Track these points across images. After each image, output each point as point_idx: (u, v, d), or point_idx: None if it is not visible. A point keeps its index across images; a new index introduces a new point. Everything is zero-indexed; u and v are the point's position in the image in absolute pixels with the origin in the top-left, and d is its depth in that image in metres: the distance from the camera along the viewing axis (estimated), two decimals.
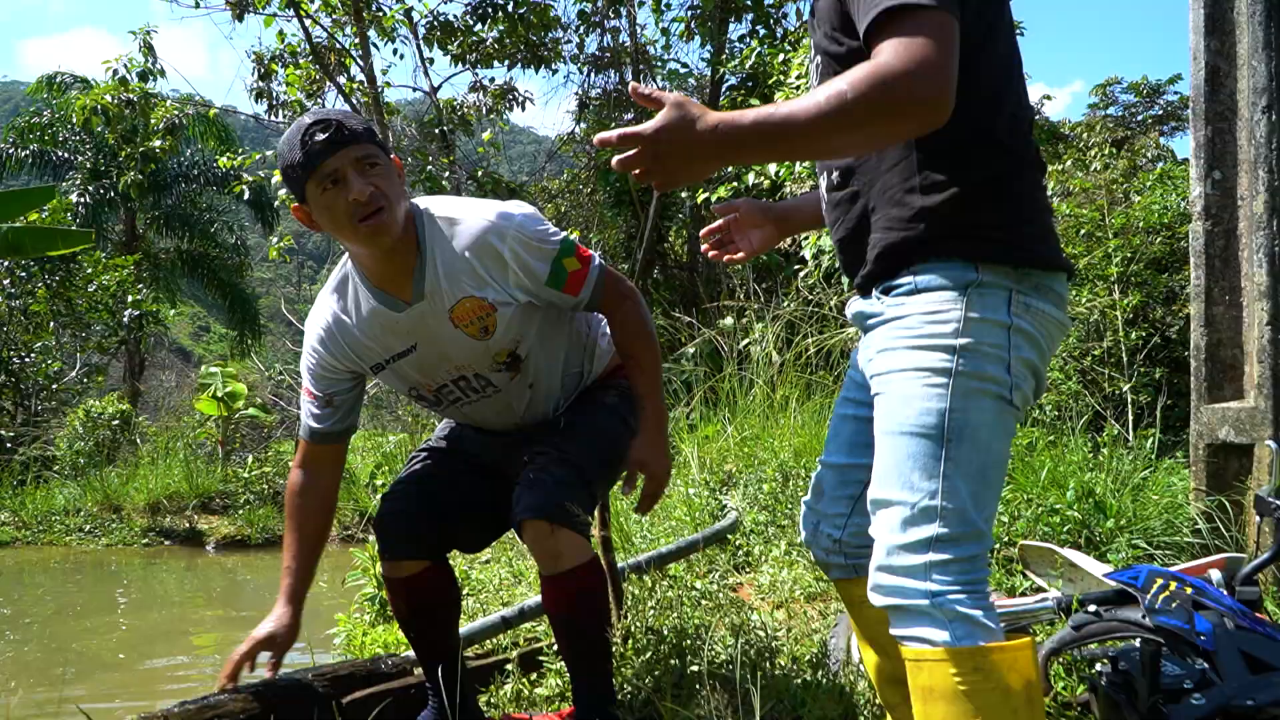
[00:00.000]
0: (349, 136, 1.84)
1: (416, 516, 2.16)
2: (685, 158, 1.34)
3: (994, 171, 1.50)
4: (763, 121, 1.31)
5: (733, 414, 5.71)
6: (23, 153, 17.57)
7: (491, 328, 2.01)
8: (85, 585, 5.80)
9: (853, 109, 1.28)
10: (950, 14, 1.34)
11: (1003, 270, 1.48)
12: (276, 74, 10.28)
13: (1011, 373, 1.47)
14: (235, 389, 7.94)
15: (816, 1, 1.61)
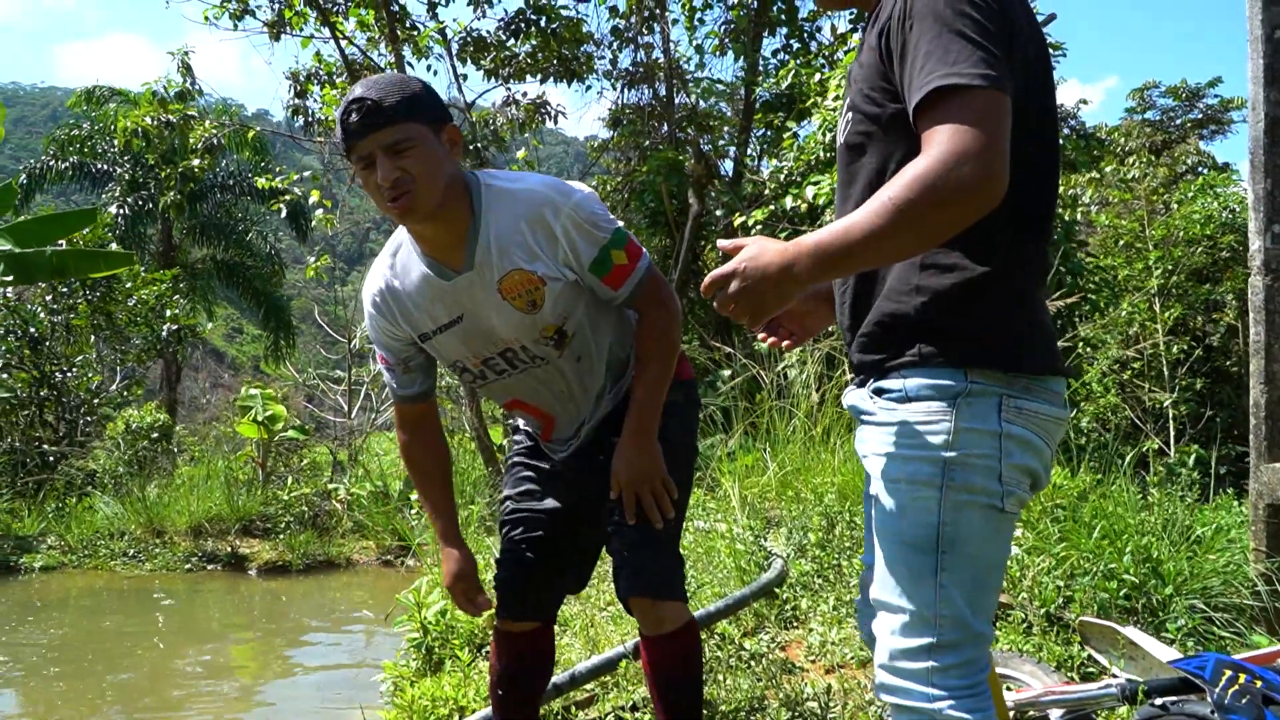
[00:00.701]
0: (380, 120, 1.86)
1: (529, 583, 2.28)
2: (765, 290, 1.39)
3: (997, 266, 1.48)
4: (825, 248, 1.36)
5: (772, 447, 5.68)
6: (63, 165, 17.83)
7: (539, 302, 2.03)
8: (131, 613, 5.87)
9: (903, 215, 1.31)
10: (1000, 91, 1.35)
11: (993, 375, 1.48)
12: (312, 92, 10.35)
13: (1003, 481, 1.47)
14: (275, 411, 8.00)
15: (859, 57, 1.61)
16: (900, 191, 1.32)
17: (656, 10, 10.08)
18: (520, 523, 2.30)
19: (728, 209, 8.75)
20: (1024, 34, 1.46)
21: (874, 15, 1.59)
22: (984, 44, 1.37)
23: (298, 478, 8.65)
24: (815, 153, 7.54)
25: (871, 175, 1.56)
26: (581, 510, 2.29)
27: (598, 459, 2.21)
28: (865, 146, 1.57)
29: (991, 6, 1.41)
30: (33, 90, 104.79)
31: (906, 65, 1.43)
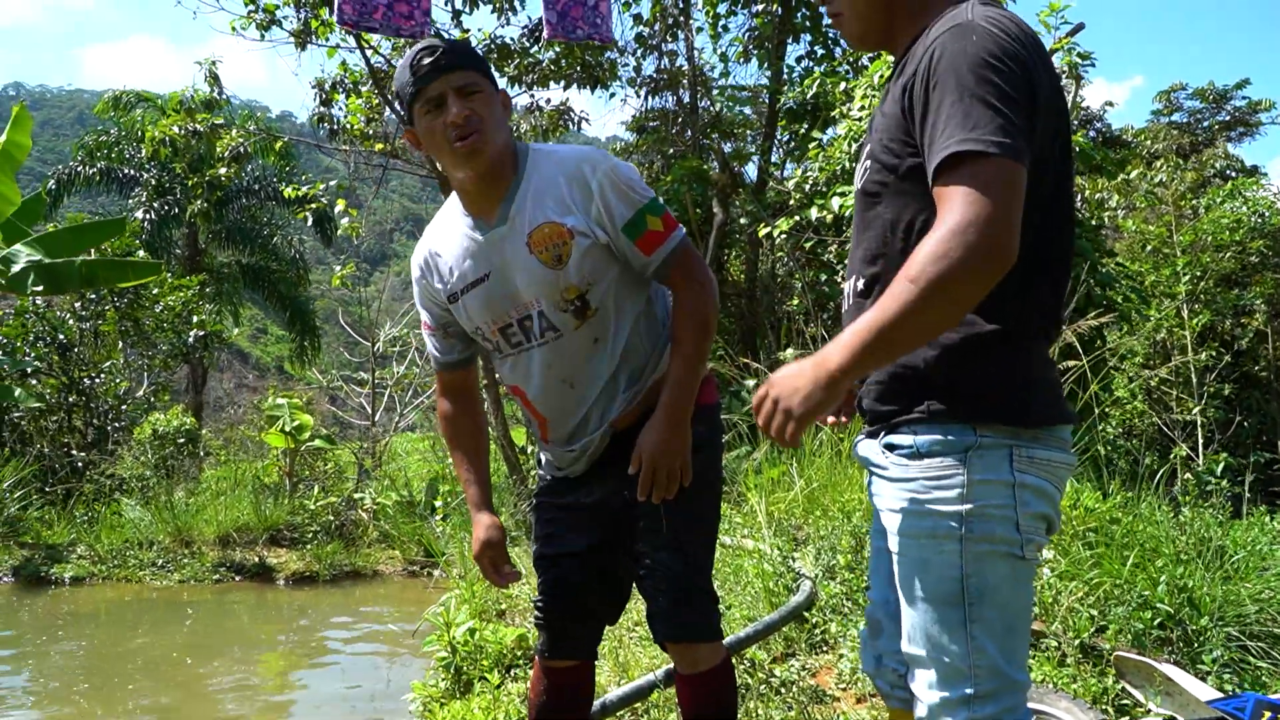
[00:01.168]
0: (452, 63, 1.97)
1: (565, 627, 2.30)
2: (803, 398, 1.42)
3: (1007, 324, 1.50)
4: (860, 345, 1.38)
5: (799, 461, 5.66)
6: (91, 170, 18.05)
7: (565, 257, 2.04)
8: (159, 626, 5.92)
9: (926, 292, 1.34)
10: (1016, 160, 1.37)
11: (1002, 429, 1.50)
12: (337, 101, 10.41)
13: (1021, 530, 1.49)
14: (303, 421, 8.06)
15: (882, 105, 1.63)
16: (918, 269, 1.35)
17: (680, 18, 10.07)
18: (550, 568, 2.30)
19: (752, 218, 8.73)
20: (1047, 98, 1.47)
21: (901, 64, 1.61)
22: (1004, 110, 1.39)
23: (324, 486, 8.71)
24: (840, 162, 7.51)
25: (886, 225, 1.59)
26: (609, 546, 2.28)
27: (621, 494, 2.20)
28: (881, 196, 1.60)
29: (1015, 72, 1.42)
30: (60, 93, 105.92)
31: (928, 125, 1.45)
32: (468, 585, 5.14)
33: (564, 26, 4.44)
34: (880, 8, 1.65)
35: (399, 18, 3.84)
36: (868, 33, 1.70)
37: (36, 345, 11.09)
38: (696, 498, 2.19)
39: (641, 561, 2.18)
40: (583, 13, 4.42)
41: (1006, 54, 1.43)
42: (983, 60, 1.42)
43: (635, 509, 2.18)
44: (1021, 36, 1.47)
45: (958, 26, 1.48)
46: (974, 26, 1.46)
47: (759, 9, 9.97)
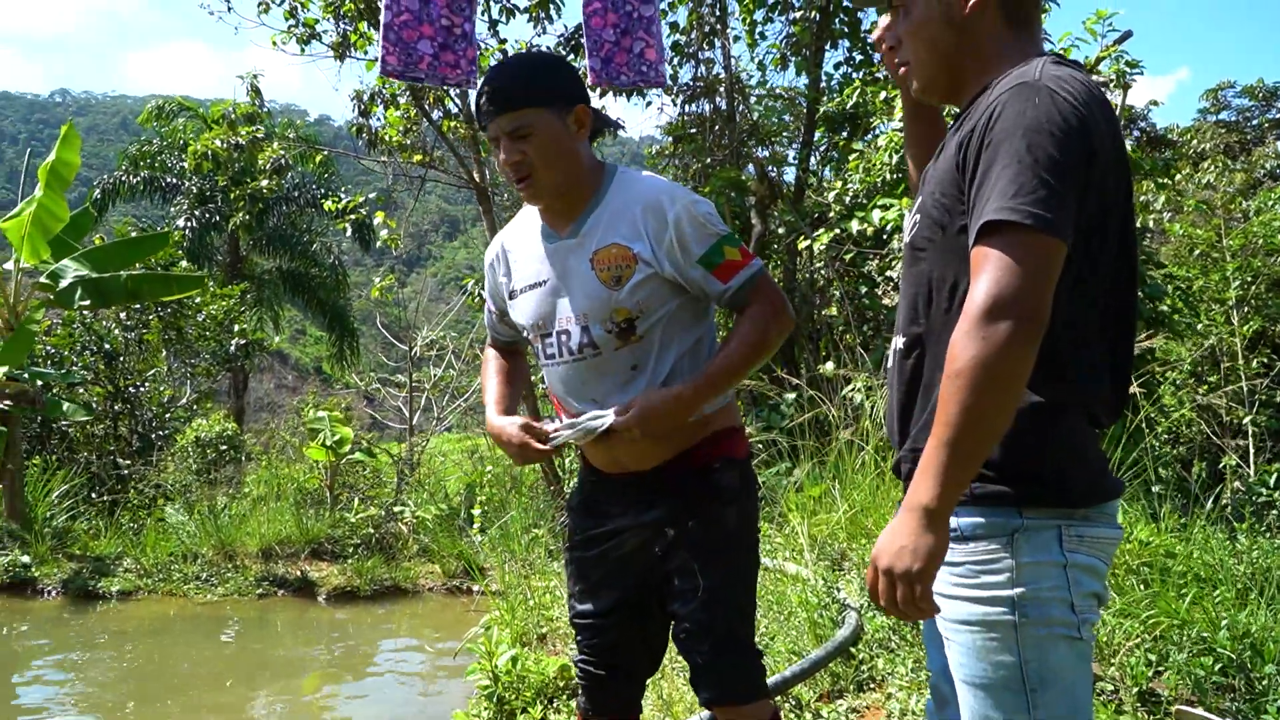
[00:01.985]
0: (501, 106, 1.99)
1: (604, 688, 2.29)
2: (913, 553, 1.37)
3: (1056, 395, 1.45)
4: (940, 466, 1.34)
5: (841, 481, 5.60)
6: (135, 179, 18.34)
7: (624, 280, 2.04)
8: (203, 642, 5.99)
9: (971, 382, 1.31)
10: (1053, 235, 1.34)
11: (1049, 510, 1.45)
12: (375, 112, 10.47)
13: (1077, 610, 1.45)
14: (343, 435, 8.11)
15: (938, 158, 1.59)
16: (957, 362, 1.33)
17: (717, 25, 10.02)
18: (587, 626, 2.29)
19: (790, 228, 8.66)
20: (1105, 166, 1.42)
21: (962, 117, 1.56)
22: (1050, 182, 1.35)
23: (364, 496, 8.76)
24: (881, 174, 7.43)
25: (930, 284, 1.55)
26: (643, 600, 2.25)
27: (653, 549, 2.17)
28: (927, 251, 1.56)
29: (1072, 141, 1.38)
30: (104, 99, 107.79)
31: (974, 187, 1.42)
32: (508, 607, 5.14)
33: (608, 73, 4.39)
34: (947, 62, 1.61)
35: (445, 67, 3.82)
36: (932, 85, 1.66)
37: (84, 355, 11.28)
38: (733, 553, 2.17)
39: (680, 623, 2.15)
40: (627, 59, 4.36)
41: (1067, 121, 1.38)
42: (1040, 126, 1.38)
43: (668, 564, 2.15)
44: (1088, 102, 1.42)
45: (1023, 85, 1.43)
46: (1038, 88, 1.42)
47: (797, 15, 9.88)
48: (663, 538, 2.15)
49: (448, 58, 3.84)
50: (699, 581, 2.11)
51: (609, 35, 4.32)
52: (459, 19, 3.83)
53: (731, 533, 2.15)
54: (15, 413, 7.73)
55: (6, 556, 7.05)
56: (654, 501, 2.16)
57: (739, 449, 2.22)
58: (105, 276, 8.34)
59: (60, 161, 7.80)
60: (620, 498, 2.21)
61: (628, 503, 2.20)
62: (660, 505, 2.15)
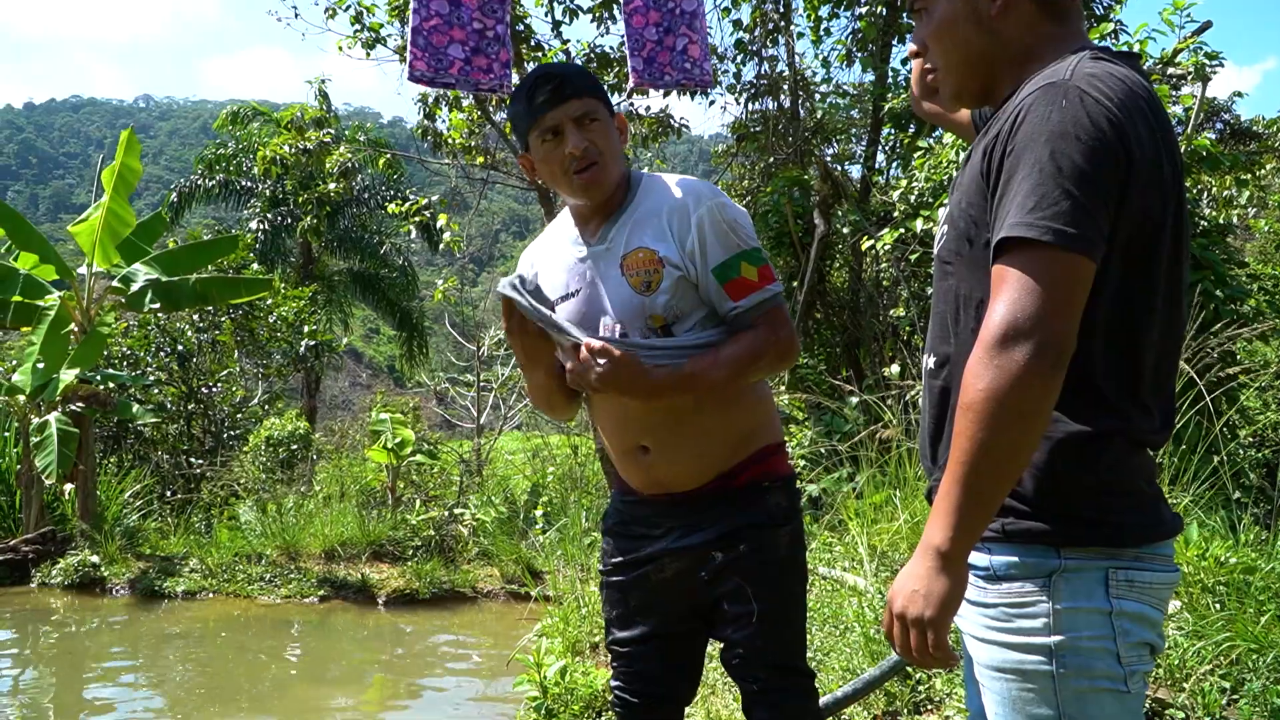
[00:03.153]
0: (570, 92, 1.95)
1: (648, 712, 2.21)
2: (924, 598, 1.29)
3: (1101, 424, 1.30)
4: (954, 507, 1.25)
5: (902, 489, 5.44)
6: (210, 183, 18.81)
7: (655, 284, 1.98)
8: (264, 646, 6.06)
9: (989, 420, 1.21)
10: (1077, 252, 1.22)
11: (1092, 550, 1.31)
12: (440, 114, 10.55)
13: (1124, 662, 1.30)
14: (404, 437, 8.16)
15: (965, 165, 1.47)
16: (970, 395, 1.22)
17: (781, 22, 9.87)
18: (622, 656, 2.22)
19: (855, 228, 8.48)
20: (1145, 169, 1.28)
21: (990, 119, 1.43)
22: (1075, 194, 1.22)
23: (426, 499, 8.81)
24: (948, 172, 7.22)
25: (957, 300, 1.43)
26: (684, 626, 2.18)
27: (698, 573, 2.08)
28: (955, 266, 1.44)
29: (1101, 148, 1.25)
30: (185, 104, 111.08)
31: (997, 198, 1.30)
32: (562, 614, 5.09)
33: (650, 74, 4.27)
34: (978, 65, 1.49)
35: (478, 72, 3.74)
36: (963, 92, 1.54)
37: (158, 356, 11.58)
38: (786, 577, 2.10)
39: (732, 648, 2.08)
40: (671, 58, 4.24)
41: (1096, 125, 1.25)
42: (1066, 131, 1.25)
43: (717, 590, 2.07)
44: (1125, 102, 1.28)
45: (1050, 86, 1.30)
46: (1067, 89, 1.29)
47: (863, 10, 9.69)
48: (710, 562, 2.07)
49: (480, 62, 3.76)
50: (753, 606, 2.04)
51: (651, 34, 4.21)
52: (491, 21, 3.75)
53: (784, 556, 2.08)
54: (88, 414, 7.92)
55: (77, 556, 7.24)
56: (698, 524, 2.08)
57: (784, 466, 2.14)
58: (175, 280, 8.51)
59: (125, 167, 7.98)
60: (661, 520, 2.13)
61: (669, 525, 2.11)
62: (706, 528, 2.07)
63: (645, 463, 2.07)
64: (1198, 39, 6.52)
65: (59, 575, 7.12)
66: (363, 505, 8.38)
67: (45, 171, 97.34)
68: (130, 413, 8.71)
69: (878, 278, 9.38)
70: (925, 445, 1.52)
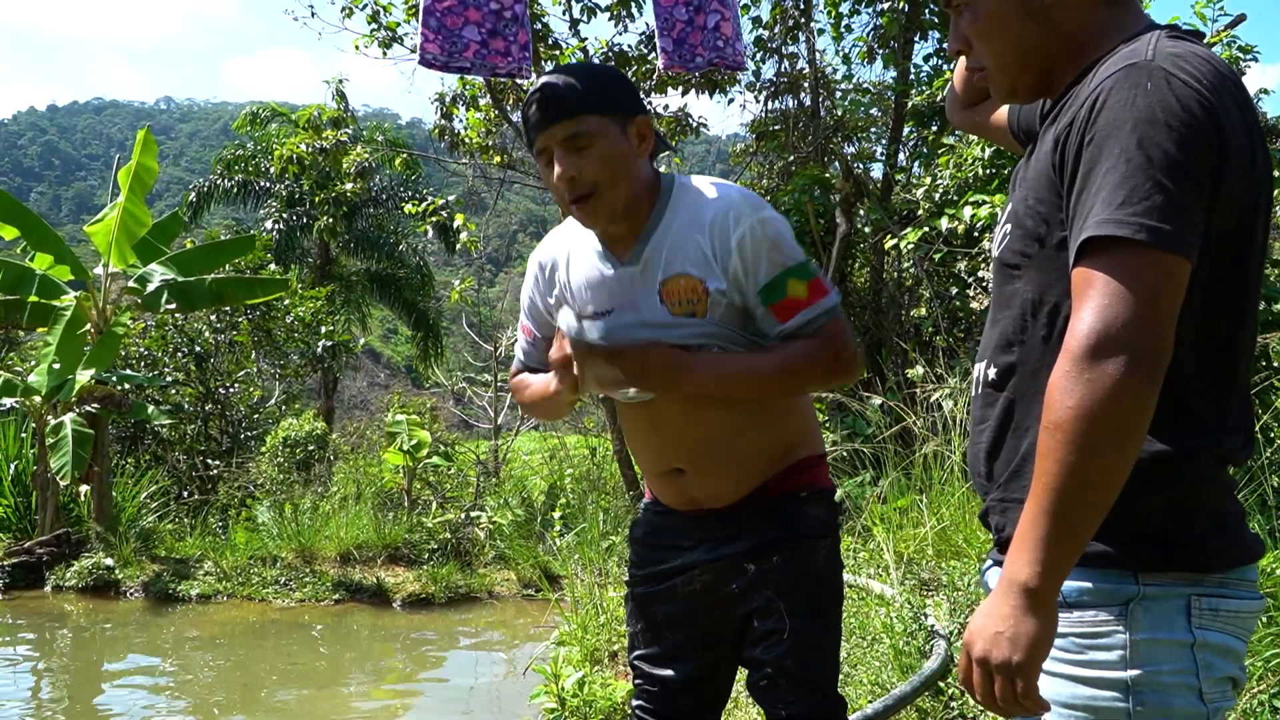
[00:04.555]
0: (557, 113, 1.76)
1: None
2: (1011, 642, 1.15)
3: (1182, 442, 1.18)
4: (1043, 539, 1.12)
5: (928, 495, 5.31)
6: (229, 183, 18.86)
7: (699, 313, 1.82)
8: (280, 650, 6.00)
9: (1080, 442, 1.08)
10: (1172, 251, 1.09)
11: (1174, 576, 1.19)
12: (457, 114, 10.48)
13: (1206, 699, 1.18)
14: (420, 439, 8.09)
15: (1029, 156, 1.35)
16: (1057, 413, 1.10)
17: (801, 19, 9.74)
18: (645, 674, 2.09)
19: (876, 227, 8.34)
20: (1240, 162, 1.16)
21: (1059, 106, 1.31)
22: (1168, 186, 1.10)
23: (443, 500, 8.73)
24: (973, 169, 7.08)
25: (1026, 306, 1.30)
26: (711, 642, 2.04)
27: (730, 586, 1.95)
28: (1022, 269, 1.31)
29: (1195, 133, 1.12)
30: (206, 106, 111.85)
31: (1074, 192, 1.17)
32: (580, 623, 4.99)
33: (681, 55, 4.08)
34: (1032, 59, 1.35)
35: (495, 55, 3.60)
36: (1018, 85, 1.40)
37: (175, 356, 11.55)
38: (821, 594, 1.97)
39: (760, 668, 1.94)
40: (703, 37, 4.06)
41: (1188, 109, 1.13)
42: (1154, 117, 1.12)
43: (748, 605, 1.95)
44: (1215, 84, 1.16)
45: (1131, 68, 1.18)
46: (1151, 70, 1.16)
47: (884, 6, 9.55)
48: (742, 574, 1.94)
49: (497, 45, 3.61)
50: (785, 624, 1.90)
51: (680, 14, 4.04)
52: (509, 1, 3.60)
53: (820, 572, 1.96)
54: (103, 415, 7.88)
55: (91, 559, 7.18)
56: (733, 535, 1.95)
57: (824, 479, 2.02)
58: (190, 280, 8.47)
59: (141, 167, 7.94)
60: (692, 532, 2.00)
61: (701, 535, 1.99)
62: (741, 538, 1.94)
63: (680, 483, 1.96)
64: (1230, 33, 6.36)
65: (74, 578, 7.07)
66: (379, 507, 8.32)
67: (68, 173, 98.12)
68: (146, 413, 8.68)
69: (899, 277, 9.24)
70: (979, 462, 1.39)
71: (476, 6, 3.60)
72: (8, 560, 7.26)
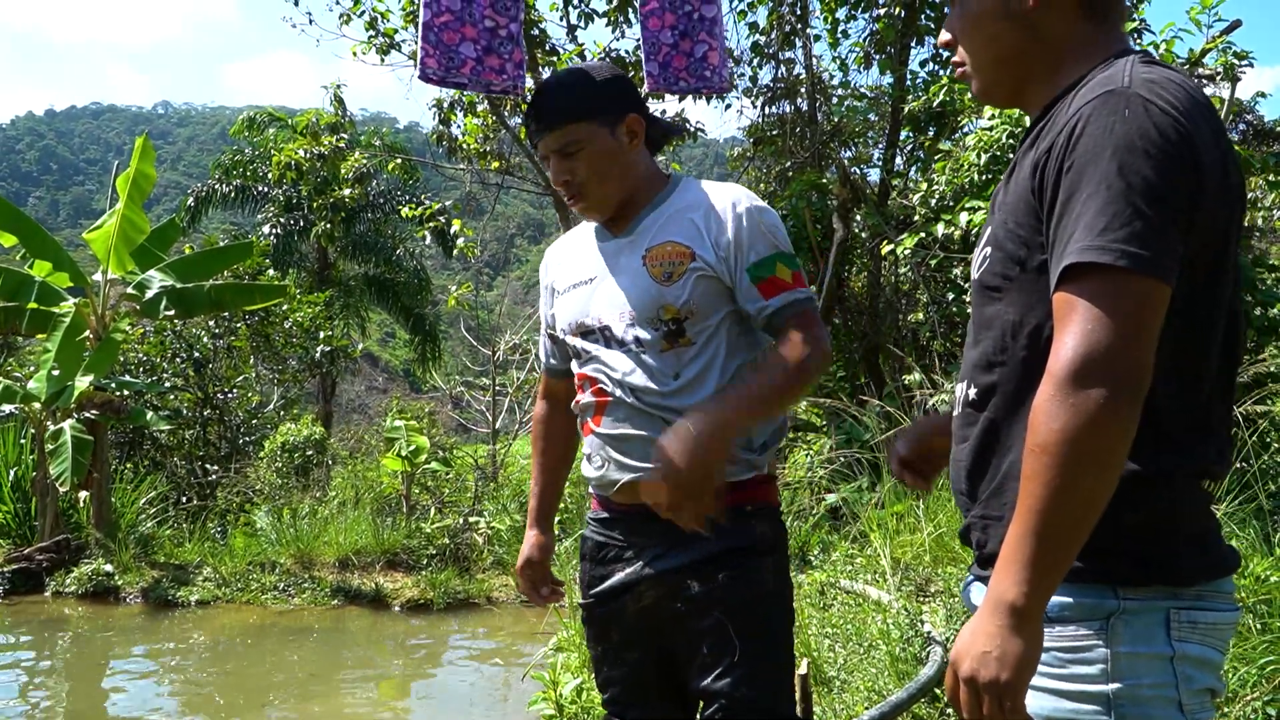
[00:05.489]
0: (548, 122, 1.93)
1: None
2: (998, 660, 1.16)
3: (1159, 462, 1.20)
4: (1030, 559, 1.14)
5: (924, 498, 5.33)
6: (226, 188, 18.87)
7: (676, 276, 1.91)
8: (279, 655, 6.02)
9: (1065, 464, 1.11)
10: (1152, 276, 1.11)
11: (1153, 590, 1.21)
12: (455, 120, 10.51)
13: (1186, 710, 1.21)
14: (418, 444, 8.10)
15: (1008, 179, 1.36)
16: (1042, 435, 1.12)
17: (798, 25, 9.77)
18: (612, 702, 2.10)
19: (874, 232, 8.37)
20: (1216, 187, 1.19)
21: (1037, 130, 1.33)
22: (1147, 212, 1.12)
23: (441, 505, 8.74)
24: (969, 175, 7.11)
25: (1007, 328, 1.32)
26: (668, 658, 2.02)
27: (675, 605, 1.93)
28: (1003, 292, 1.32)
29: (1171, 161, 1.14)
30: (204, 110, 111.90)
31: (1055, 218, 1.20)
32: (578, 628, 5.00)
33: (665, 79, 4.15)
34: (1010, 63, 1.39)
35: (489, 72, 3.65)
36: (993, 89, 1.44)
37: (174, 362, 11.56)
38: (769, 613, 1.94)
39: (714, 701, 1.89)
40: (687, 64, 4.12)
41: (1165, 136, 1.15)
42: (1133, 144, 1.14)
43: (694, 624, 1.91)
44: (1190, 109, 1.18)
45: (1109, 95, 1.19)
46: (1129, 96, 1.18)
47: (881, 12, 9.59)
48: (687, 591, 1.91)
49: (492, 62, 3.67)
50: (735, 647, 1.87)
51: (667, 38, 4.11)
52: (504, 20, 3.65)
53: (769, 590, 1.93)
54: (103, 421, 7.89)
55: (91, 565, 7.19)
56: (674, 546, 1.92)
57: (773, 496, 2.01)
58: (189, 286, 8.49)
59: (139, 174, 7.96)
60: (635, 538, 1.99)
61: (643, 544, 1.97)
62: (682, 552, 1.92)
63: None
64: (1226, 38, 6.39)
65: (73, 584, 7.08)
66: (377, 513, 8.33)
67: (66, 178, 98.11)
68: (145, 419, 8.69)
69: (897, 283, 9.27)
70: (961, 480, 1.41)
71: (472, 24, 3.65)
72: (8, 566, 7.27)
